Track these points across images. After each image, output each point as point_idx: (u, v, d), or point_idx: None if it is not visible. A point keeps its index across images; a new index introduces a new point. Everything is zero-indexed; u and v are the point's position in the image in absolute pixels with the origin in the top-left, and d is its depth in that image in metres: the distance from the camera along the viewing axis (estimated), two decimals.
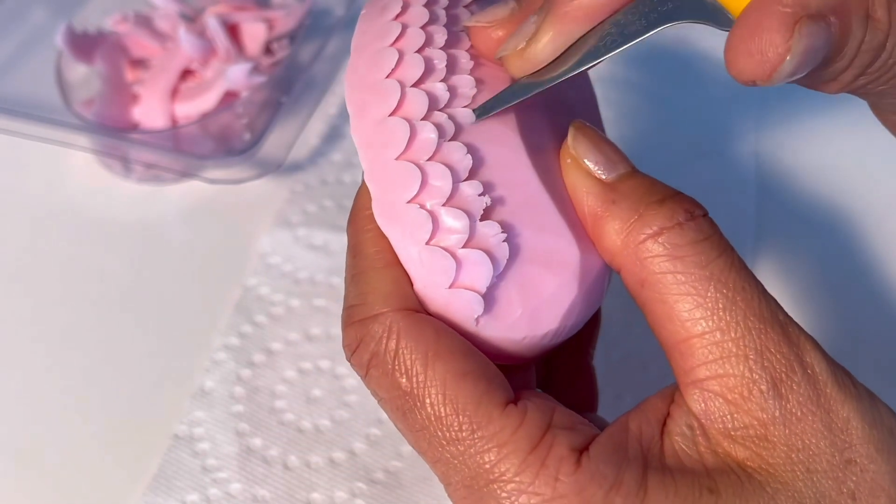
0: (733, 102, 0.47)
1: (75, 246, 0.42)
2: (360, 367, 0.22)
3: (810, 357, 0.20)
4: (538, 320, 0.22)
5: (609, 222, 0.22)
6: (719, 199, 0.42)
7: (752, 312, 0.20)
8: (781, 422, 0.20)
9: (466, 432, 0.20)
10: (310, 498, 0.33)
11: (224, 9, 0.47)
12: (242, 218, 0.43)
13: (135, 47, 0.47)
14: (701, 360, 0.20)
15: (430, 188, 0.21)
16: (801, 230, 0.42)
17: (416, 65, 0.22)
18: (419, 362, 0.21)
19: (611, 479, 0.20)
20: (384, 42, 0.23)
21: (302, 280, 0.40)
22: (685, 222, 0.21)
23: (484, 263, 0.21)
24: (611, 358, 0.36)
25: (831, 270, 0.40)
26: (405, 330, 0.21)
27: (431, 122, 0.22)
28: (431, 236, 0.21)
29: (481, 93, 0.23)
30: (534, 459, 0.20)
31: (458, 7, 0.25)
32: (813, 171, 0.44)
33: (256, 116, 0.44)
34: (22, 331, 0.39)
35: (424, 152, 0.22)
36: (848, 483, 0.20)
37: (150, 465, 0.34)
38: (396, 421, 0.22)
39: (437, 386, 0.21)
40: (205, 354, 0.37)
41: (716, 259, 0.21)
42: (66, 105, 0.45)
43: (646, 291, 0.21)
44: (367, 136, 0.22)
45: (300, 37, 0.47)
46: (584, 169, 0.23)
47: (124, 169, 0.45)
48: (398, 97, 0.22)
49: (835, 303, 0.39)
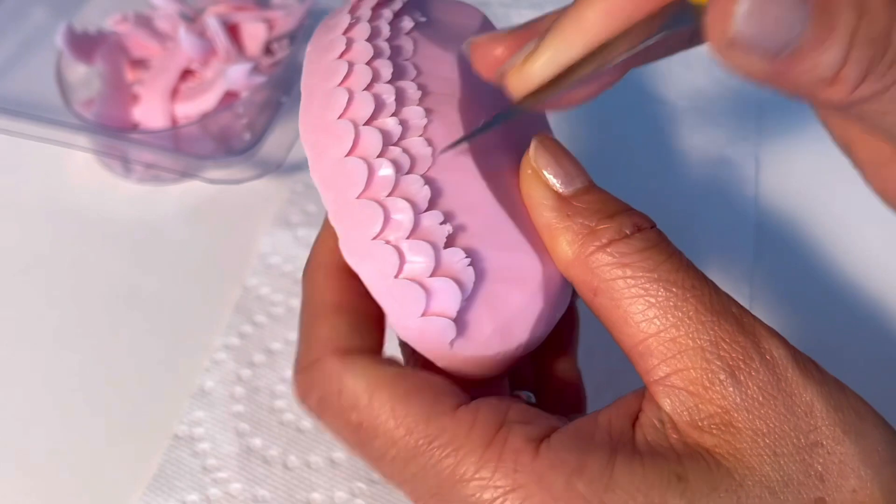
0: (733, 103, 0.47)
1: (75, 246, 0.42)
2: (311, 412, 0.23)
3: (768, 344, 0.21)
4: (509, 335, 0.23)
5: (562, 235, 0.22)
6: (720, 200, 0.43)
7: (704, 307, 0.21)
8: (744, 407, 0.20)
9: (423, 446, 0.21)
10: (310, 498, 0.33)
11: (224, 9, 0.47)
12: (242, 218, 0.43)
13: (135, 47, 0.47)
14: (659, 357, 0.21)
15: (393, 223, 0.22)
16: (802, 230, 0.42)
17: (367, 102, 0.23)
18: (364, 395, 0.22)
19: (572, 465, 0.20)
20: (333, 82, 0.24)
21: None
22: (632, 234, 0.22)
23: (452, 289, 0.22)
24: (609, 360, 0.36)
25: (832, 270, 0.40)
26: (344, 368, 0.22)
27: (387, 157, 0.23)
28: (399, 270, 0.22)
29: (432, 122, 0.23)
30: (490, 455, 0.20)
31: (399, 37, 0.25)
32: (813, 171, 0.44)
33: (256, 116, 0.44)
34: (22, 331, 0.39)
35: (384, 189, 0.22)
36: (815, 465, 0.20)
37: (150, 465, 0.34)
38: (358, 455, 0.23)
39: (386, 412, 0.21)
40: (205, 354, 0.37)
41: (663, 263, 0.21)
42: (67, 105, 0.45)
43: (598, 299, 0.22)
44: (327, 177, 0.23)
45: (300, 37, 0.47)
46: (543, 181, 0.23)
47: (124, 169, 0.45)
48: (353, 137, 0.23)
49: (835, 305, 0.39)
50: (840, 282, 0.40)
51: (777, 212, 0.42)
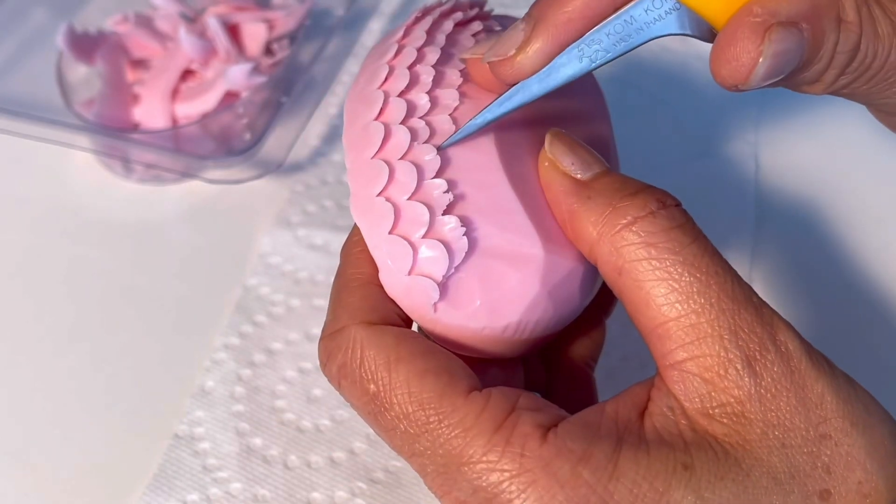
0: (733, 103, 0.47)
1: (76, 246, 0.42)
2: (331, 378, 0.24)
3: (783, 336, 0.21)
4: (498, 312, 0.23)
5: (585, 216, 0.23)
6: (719, 199, 0.43)
7: (726, 294, 0.21)
8: (757, 398, 0.21)
9: (434, 423, 0.21)
10: (310, 497, 0.33)
11: (224, 9, 0.47)
12: (242, 218, 0.43)
13: (135, 48, 0.47)
14: (678, 342, 0.21)
15: (397, 183, 0.23)
16: (801, 229, 0.42)
17: (403, 77, 0.25)
18: (383, 367, 0.22)
19: (578, 454, 0.20)
20: (382, 60, 0.26)
21: (302, 280, 0.40)
22: (657, 211, 0.22)
23: (441, 253, 0.23)
24: (611, 358, 0.36)
25: (831, 269, 0.40)
26: (367, 340, 0.23)
27: (407, 126, 0.24)
28: (394, 226, 0.23)
29: (463, 104, 0.25)
30: (498, 439, 0.21)
31: (460, 34, 0.27)
32: (812, 170, 0.44)
33: (257, 117, 0.44)
34: (22, 330, 0.39)
35: (396, 152, 0.24)
36: (822, 457, 0.20)
37: (150, 465, 0.34)
38: (371, 425, 0.23)
39: (402, 386, 0.22)
40: (205, 354, 0.37)
41: (689, 245, 0.22)
42: (67, 105, 0.45)
43: (622, 279, 0.22)
44: (352, 139, 0.25)
45: (300, 37, 0.47)
46: (561, 170, 0.24)
47: (125, 169, 0.45)
48: (380, 105, 0.25)
49: (834, 301, 0.39)
50: (840, 279, 0.40)
51: (776, 210, 0.42)
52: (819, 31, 0.22)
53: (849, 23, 0.22)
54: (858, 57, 0.22)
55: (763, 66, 0.21)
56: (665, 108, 0.47)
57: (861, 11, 0.22)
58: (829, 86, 0.23)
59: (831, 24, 0.22)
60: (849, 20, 0.22)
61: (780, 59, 0.21)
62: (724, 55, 0.22)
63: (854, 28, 0.22)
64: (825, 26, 0.22)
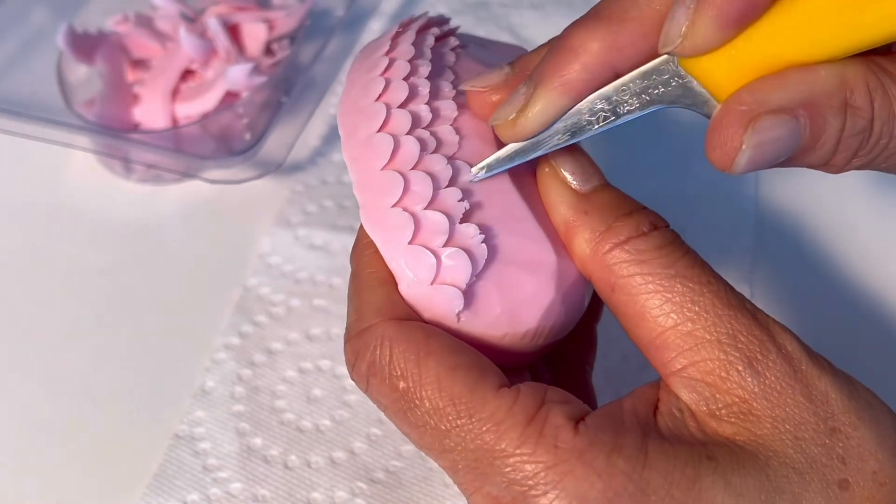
0: None
1: (75, 246, 0.42)
2: (360, 378, 0.23)
3: (782, 338, 0.22)
4: (518, 319, 0.23)
5: (580, 232, 0.23)
6: (719, 201, 0.43)
7: (720, 301, 0.22)
8: (762, 396, 0.21)
9: (464, 418, 0.21)
10: (310, 497, 0.33)
11: (224, 9, 0.47)
12: (242, 218, 0.43)
13: (135, 48, 0.47)
14: (676, 350, 0.22)
15: (412, 193, 0.23)
16: (801, 243, 0.42)
17: (401, 89, 0.25)
18: (412, 363, 0.22)
19: (610, 444, 0.20)
20: (374, 73, 0.25)
21: (302, 280, 0.40)
22: (649, 232, 0.23)
23: (463, 261, 0.23)
24: (610, 358, 0.36)
25: (831, 283, 0.40)
26: (396, 336, 0.22)
27: (415, 136, 0.24)
28: (414, 236, 0.23)
29: (462, 115, 0.25)
30: (531, 431, 0.21)
31: (442, 48, 0.27)
32: (812, 183, 0.44)
33: (257, 117, 0.44)
34: (21, 330, 0.39)
35: (408, 162, 0.24)
36: (836, 449, 0.21)
37: (150, 465, 0.34)
38: (400, 423, 0.23)
39: (432, 382, 0.22)
40: (205, 354, 0.37)
41: (679, 259, 0.22)
42: (67, 105, 0.45)
43: (616, 295, 0.22)
44: (356, 152, 0.24)
45: (300, 37, 0.47)
46: (560, 178, 0.24)
47: (125, 169, 0.45)
48: (384, 116, 0.24)
49: (835, 305, 0.39)
50: (840, 282, 0.40)
51: (777, 212, 0.42)
52: (819, 119, 0.21)
53: (857, 108, 0.21)
54: (872, 139, 0.22)
55: (744, 157, 0.21)
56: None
57: (874, 94, 0.21)
58: (843, 167, 0.23)
59: (834, 111, 0.21)
60: (857, 105, 0.21)
61: (767, 148, 0.21)
62: (713, 140, 0.22)
63: (863, 113, 0.21)
64: (826, 113, 0.21)
